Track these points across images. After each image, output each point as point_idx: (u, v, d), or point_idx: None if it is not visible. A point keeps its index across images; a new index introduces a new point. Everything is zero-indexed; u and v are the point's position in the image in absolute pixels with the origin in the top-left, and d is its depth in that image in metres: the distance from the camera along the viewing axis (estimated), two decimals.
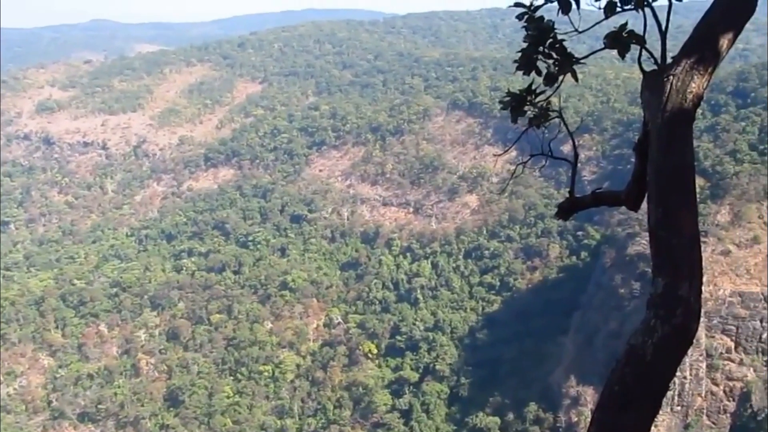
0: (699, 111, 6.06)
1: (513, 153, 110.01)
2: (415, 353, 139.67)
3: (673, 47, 5.84)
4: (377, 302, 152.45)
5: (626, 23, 6.13)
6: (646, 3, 6.09)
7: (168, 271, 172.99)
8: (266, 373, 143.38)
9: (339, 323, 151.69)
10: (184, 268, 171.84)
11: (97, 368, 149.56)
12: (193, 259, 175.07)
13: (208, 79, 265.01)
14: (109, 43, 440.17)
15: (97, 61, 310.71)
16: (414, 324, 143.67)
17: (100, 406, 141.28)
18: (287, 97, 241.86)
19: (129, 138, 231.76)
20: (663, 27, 6.10)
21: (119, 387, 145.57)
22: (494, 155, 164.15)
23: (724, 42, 5.76)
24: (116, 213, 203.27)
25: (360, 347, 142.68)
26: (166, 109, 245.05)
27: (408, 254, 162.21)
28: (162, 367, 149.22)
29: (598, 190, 7.11)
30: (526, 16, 6.46)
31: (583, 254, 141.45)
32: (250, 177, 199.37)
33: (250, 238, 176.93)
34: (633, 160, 6.37)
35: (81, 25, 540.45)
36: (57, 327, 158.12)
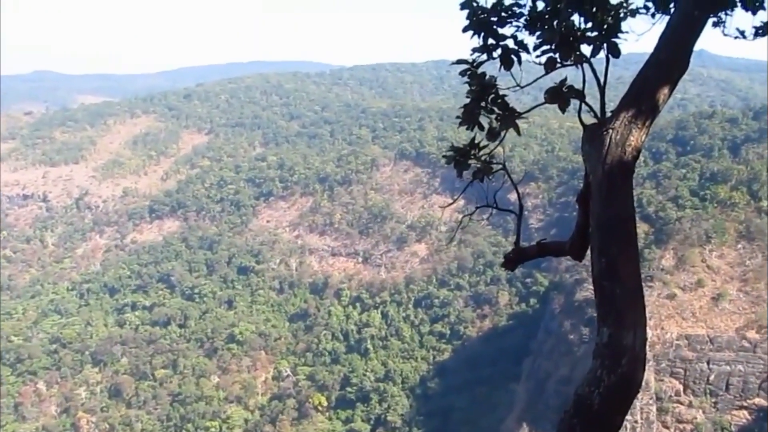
0: (641, 158, 6.24)
1: (461, 202, 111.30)
2: (366, 404, 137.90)
3: (614, 97, 6.02)
4: (327, 353, 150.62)
5: (566, 78, 6.29)
6: (584, 59, 6.28)
7: (110, 325, 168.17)
8: (213, 429, 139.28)
9: (288, 376, 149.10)
10: (128, 323, 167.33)
11: (35, 428, 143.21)
12: (136, 312, 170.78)
13: (153, 130, 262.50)
14: (52, 94, 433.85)
15: (39, 113, 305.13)
16: (364, 375, 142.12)
17: None
18: (234, 148, 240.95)
19: (71, 190, 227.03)
20: (602, 82, 6.30)
21: None
22: (440, 206, 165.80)
23: (660, 96, 5.96)
24: (56, 267, 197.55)
25: (310, 400, 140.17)
26: (110, 160, 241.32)
27: (357, 304, 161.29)
28: (104, 426, 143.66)
29: (543, 241, 7.21)
30: (468, 72, 6.60)
31: (532, 301, 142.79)
32: (196, 228, 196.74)
33: (196, 290, 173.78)
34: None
35: (22, 76, 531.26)
36: None
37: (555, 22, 6.23)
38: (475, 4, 6.44)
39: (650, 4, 7.53)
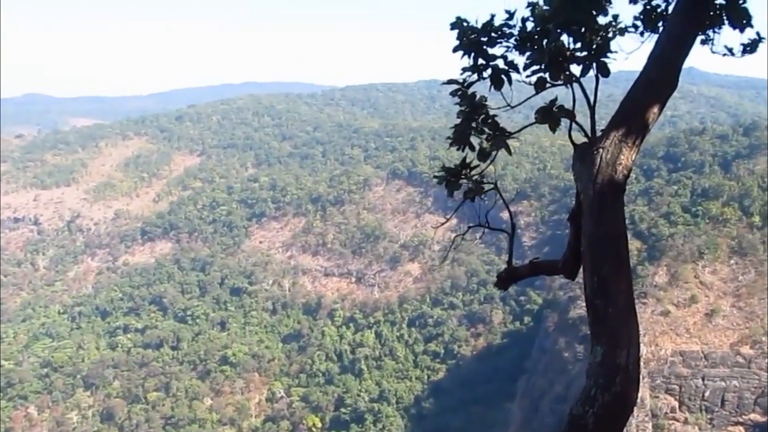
0: (633, 175, 6.27)
1: (454, 221, 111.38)
2: (360, 425, 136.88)
3: (606, 115, 6.04)
4: (321, 374, 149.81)
5: (556, 98, 6.32)
6: (574, 79, 6.31)
7: (102, 348, 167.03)
8: None
9: (282, 397, 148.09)
10: (120, 345, 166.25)
11: None
12: (128, 335, 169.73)
13: (145, 152, 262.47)
14: (43, 117, 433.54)
15: (30, 136, 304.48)
16: (359, 395, 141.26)
17: None
18: (226, 169, 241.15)
19: (62, 213, 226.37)
20: (591, 101, 6.33)
21: None
22: (433, 226, 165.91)
23: (650, 115, 5.99)
24: (48, 290, 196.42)
25: (304, 421, 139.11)
26: (101, 183, 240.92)
27: (351, 324, 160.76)
28: None
29: (535, 260, 7.21)
30: (459, 92, 6.62)
31: (526, 319, 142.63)
32: (189, 250, 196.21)
33: (189, 312, 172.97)
34: None
35: (14, 99, 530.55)
36: None
37: (544, 43, 6.27)
38: (465, 25, 6.48)
39: (639, 23, 7.60)
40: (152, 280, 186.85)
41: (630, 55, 7.21)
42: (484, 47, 6.46)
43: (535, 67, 6.23)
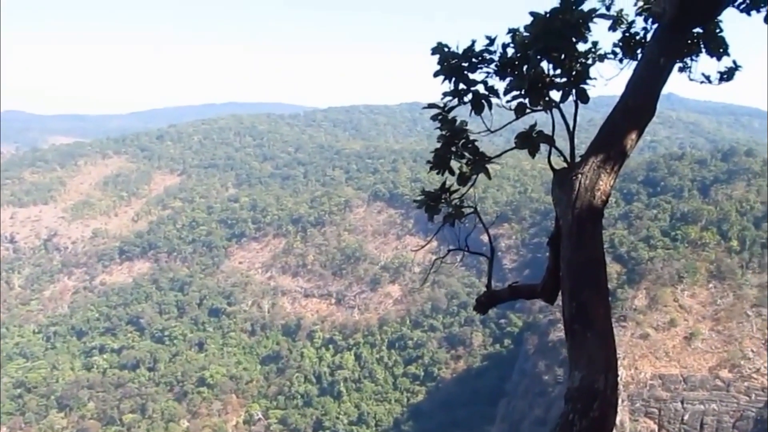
0: (613, 199, 6.33)
1: (435, 243, 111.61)
2: None
3: (586, 139, 6.08)
4: (299, 396, 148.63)
5: (536, 123, 6.37)
6: (553, 105, 6.37)
7: (77, 369, 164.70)
8: None
9: (260, 419, 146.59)
10: (95, 366, 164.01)
11: None
12: (104, 356, 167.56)
13: (125, 171, 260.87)
14: (22, 134, 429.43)
15: (8, 153, 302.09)
16: (337, 418, 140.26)
17: None
18: (206, 189, 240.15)
19: (39, 231, 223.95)
20: (571, 127, 6.38)
21: None
22: (412, 249, 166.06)
23: (628, 142, 6.05)
24: (23, 309, 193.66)
25: None
26: (80, 201, 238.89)
27: (330, 346, 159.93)
28: None
29: (514, 284, 7.23)
30: (439, 117, 6.66)
31: (507, 341, 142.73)
32: (167, 270, 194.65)
33: (167, 332, 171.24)
34: None
35: None
36: None
37: (524, 69, 6.33)
38: (446, 50, 6.53)
39: (618, 50, 7.72)
40: (129, 300, 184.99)
41: (610, 81, 7.33)
42: (465, 72, 6.51)
43: (515, 93, 6.28)
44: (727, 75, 7.73)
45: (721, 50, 7.29)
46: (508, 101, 6.37)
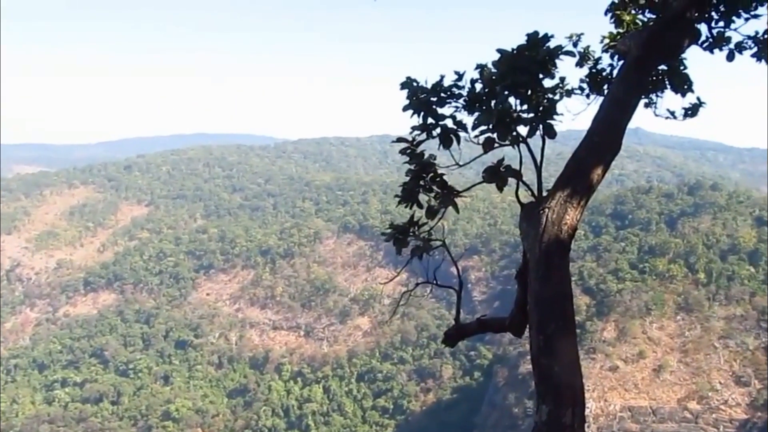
0: (581, 232, 6.39)
1: (404, 275, 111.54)
2: None
3: (554, 172, 6.14)
4: (267, 430, 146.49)
5: (503, 158, 6.43)
6: (521, 140, 6.44)
7: (38, 403, 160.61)
8: None
9: None
10: (57, 400, 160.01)
11: None
12: (66, 389, 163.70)
13: (91, 201, 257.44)
14: None
15: None
16: None
17: None
18: (174, 220, 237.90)
19: (1, 262, 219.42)
20: (538, 161, 6.46)
21: None
22: (381, 282, 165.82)
23: (594, 176, 6.14)
24: None
25: None
26: (44, 231, 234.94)
27: (299, 379, 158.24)
28: None
29: (483, 317, 7.24)
30: (408, 150, 6.70)
31: (476, 374, 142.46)
32: (133, 302, 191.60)
33: (131, 365, 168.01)
34: None
35: None
36: None
37: (492, 104, 6.41)
38: (415, 85, 6.59)
39: (585, 86, 7.86)
40: (94, 332, 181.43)
41: (577, 115, 7.45)
42: (434, 107, 6.57)
43: (483, 128, 6.34)
44: (691, 111, 7.90)
45: (686, 86, 7.45)
46: (476, 136, 6.43)
